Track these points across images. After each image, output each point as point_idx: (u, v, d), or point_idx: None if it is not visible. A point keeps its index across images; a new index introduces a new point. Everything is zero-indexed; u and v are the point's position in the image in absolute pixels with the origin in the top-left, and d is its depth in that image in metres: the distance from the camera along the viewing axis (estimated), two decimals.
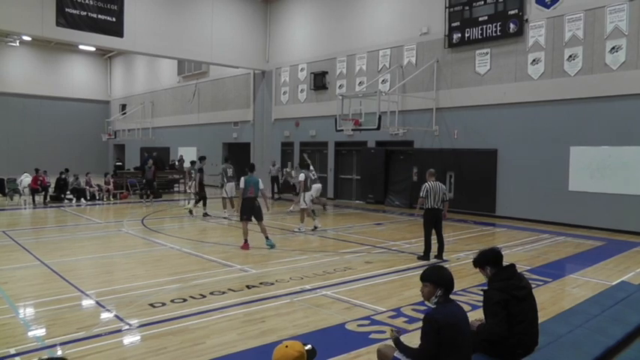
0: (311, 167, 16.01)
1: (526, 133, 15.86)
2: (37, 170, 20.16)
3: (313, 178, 15.45)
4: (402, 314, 6.58)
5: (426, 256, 10.08)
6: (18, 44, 33.68)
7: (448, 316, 3.79)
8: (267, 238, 11.16)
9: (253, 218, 11.20)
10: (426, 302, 4.01)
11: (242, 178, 11.38)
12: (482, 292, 4.55)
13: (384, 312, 6.63)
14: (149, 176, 20.35)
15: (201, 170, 16.89)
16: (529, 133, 15.78)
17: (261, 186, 11.32)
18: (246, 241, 11.08)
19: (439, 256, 10.08)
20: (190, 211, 16.64)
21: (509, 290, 4.29)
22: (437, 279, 3.93)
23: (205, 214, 16.32)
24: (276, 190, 22.44)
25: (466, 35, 17.12)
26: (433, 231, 10.10)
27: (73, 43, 24.21)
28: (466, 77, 17.41)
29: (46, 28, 17.94)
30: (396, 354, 3.96)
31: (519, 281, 4.44)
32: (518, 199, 16.09)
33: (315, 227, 13.81)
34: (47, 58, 37.82)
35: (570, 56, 14.84)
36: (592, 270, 9.50)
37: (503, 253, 4.66)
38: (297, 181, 15.17)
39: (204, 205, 16.77)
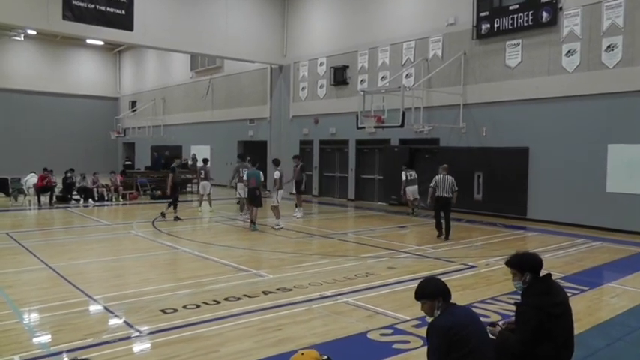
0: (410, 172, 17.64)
1: (560, 130, 15.66)
2: (45, 170, 20.41)
3: (410, 178, 17.42)
4: (427, 323, 6.52)
5: (440, 233, 12.98)
6: (23, 39, 33.88)
7: (451, 319, 3.86)
8: (253, 223, 14.15)
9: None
10: (429, 318, 4.11)
11: (245, 172, 15.00)
12: (513, 303, 4.49)
13: (408, 320, 6.58)
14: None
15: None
16: (563, 130, 15.58)
17: (261, 178, 14.39)
18: (251, 220, 14.21)
19: (447, 237, 12.82)
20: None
21: (545, 307, 4.21)
22: (430, 293, 4.06)
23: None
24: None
25: (495, 25, 16.96)
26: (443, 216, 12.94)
27: (81, 37, 24.54)
28: (495, 71, 17.26)
29: (52, 21, 18.11)
30: None
31: (556, 296, 4.35)
32: (551, 201, 15.89)
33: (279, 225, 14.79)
34: (53, 53, 38.26)
35: (609, 46, 14.61)
36: (632, 278, 9.35)
37: None
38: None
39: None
